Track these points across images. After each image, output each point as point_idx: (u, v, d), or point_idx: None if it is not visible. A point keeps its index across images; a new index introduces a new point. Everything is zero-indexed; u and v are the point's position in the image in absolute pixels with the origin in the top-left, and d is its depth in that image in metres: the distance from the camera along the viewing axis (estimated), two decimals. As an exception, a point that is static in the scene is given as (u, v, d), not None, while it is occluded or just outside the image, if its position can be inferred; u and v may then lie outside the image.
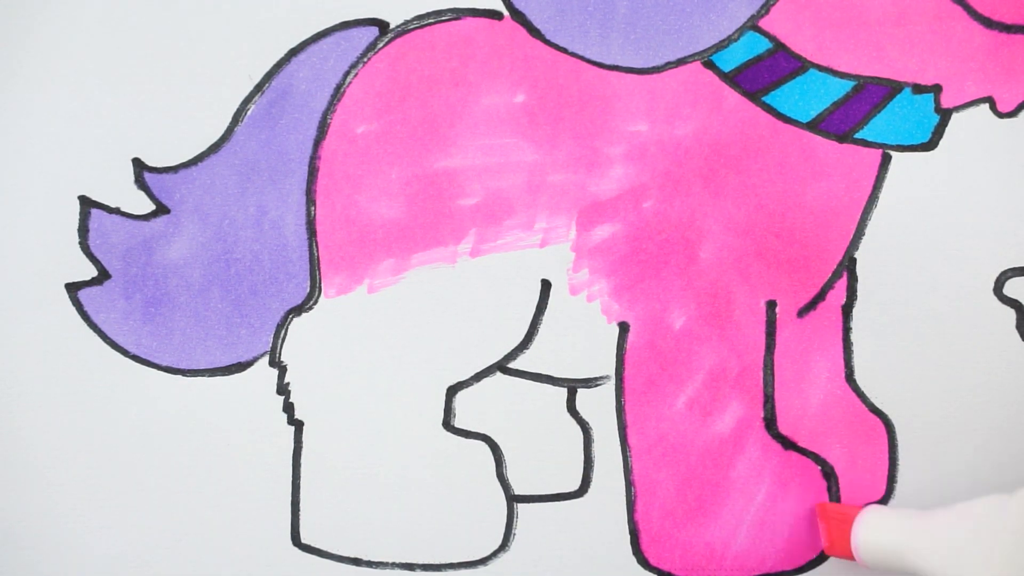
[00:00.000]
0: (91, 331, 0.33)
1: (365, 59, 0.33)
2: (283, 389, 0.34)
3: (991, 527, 0.25)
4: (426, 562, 0.35)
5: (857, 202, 0.34)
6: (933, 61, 0.33)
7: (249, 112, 0.33)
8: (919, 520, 0.30)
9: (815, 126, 0.33)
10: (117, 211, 0.33)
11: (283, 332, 0.34)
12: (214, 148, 0.33)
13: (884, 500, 0.34)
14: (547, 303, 0.34)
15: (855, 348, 0.34)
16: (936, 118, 0.33)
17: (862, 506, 0.33)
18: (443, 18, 0.33)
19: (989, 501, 0.26)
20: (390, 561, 0.35)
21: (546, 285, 0.34)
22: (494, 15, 0.33)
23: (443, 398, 0.35)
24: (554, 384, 0.35)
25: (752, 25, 0.33)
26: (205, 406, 0.34)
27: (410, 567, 0.35)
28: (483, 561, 0.35)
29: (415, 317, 0.34)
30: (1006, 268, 0.34)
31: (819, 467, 0.34)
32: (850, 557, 0.32)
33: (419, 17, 0.33)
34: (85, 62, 0.32)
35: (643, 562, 0.35)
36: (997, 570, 0.25)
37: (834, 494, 0.34)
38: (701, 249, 0.34)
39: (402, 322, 0.34)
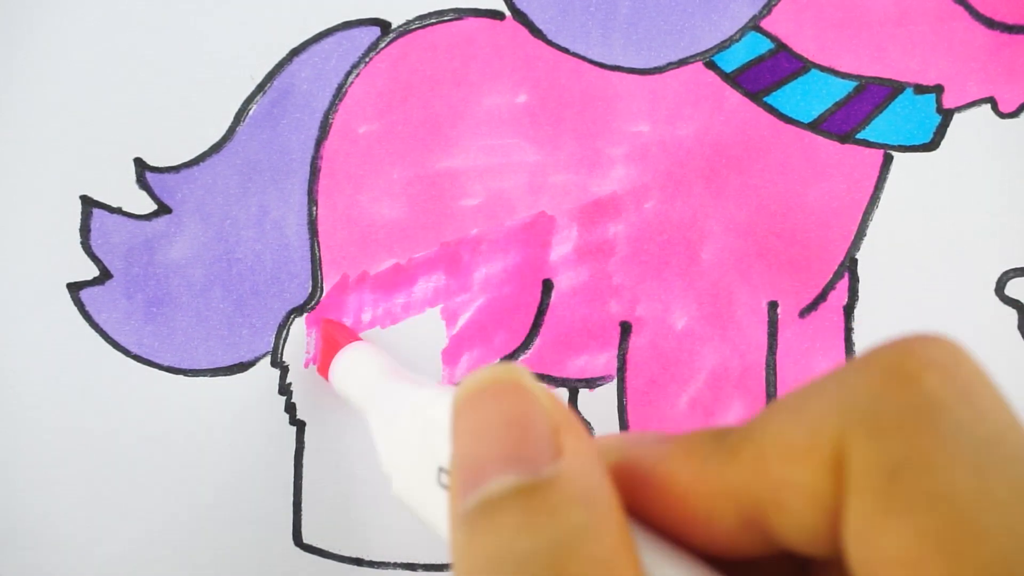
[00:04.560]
0: (93, 331, 0.33)
1: (367, 59, 0.33)
2: (285, 389, 0.34)
3: (417, 418, 0.23)
4: (428, 562, 0.35)
5: (858, 202, 0.34)
6: (935, 61, 0.33)
7: (251, 112, 0.33)
8: (383, 380, 0.28)
9: (817, 126, 0.33)
10: (119, 211, 0.33)
11: (285, 332, 0.34)
12: (216, 148, 0.33)
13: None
14: (548, 303, 0.34)
15: (857, 348, 0.34)
16: (938, 118, 0.33)
17: (358, 337, 0.32)
18: (445, 18, 0.33)
19: (430, 393, 0.24)
20: (392, 561, 0.35)
21: (547, 285, 0.34)
22: (496, 15, 0.33)
23: (445, 398, 0.35)
24: (555, 384, 0.35)
25: (754, 25, 0.33)
26: (207, 406, 0.34)
27: (412, 567, 0.35)
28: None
29: (416, 317, 0.34)
30: (1008, 268, 0.34)
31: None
32: (326, 377, 0.31)
33: (421, 17, 0.33)
34: (86, 61, 0.32)
35: (644, 562, 0.35)
36: (399, 461, 0.23)
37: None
38: (703, 250, 0.34)
39: (403, 322, 0.34)
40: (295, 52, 0.33)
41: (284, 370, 0.34)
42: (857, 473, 0.15)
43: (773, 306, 0.34)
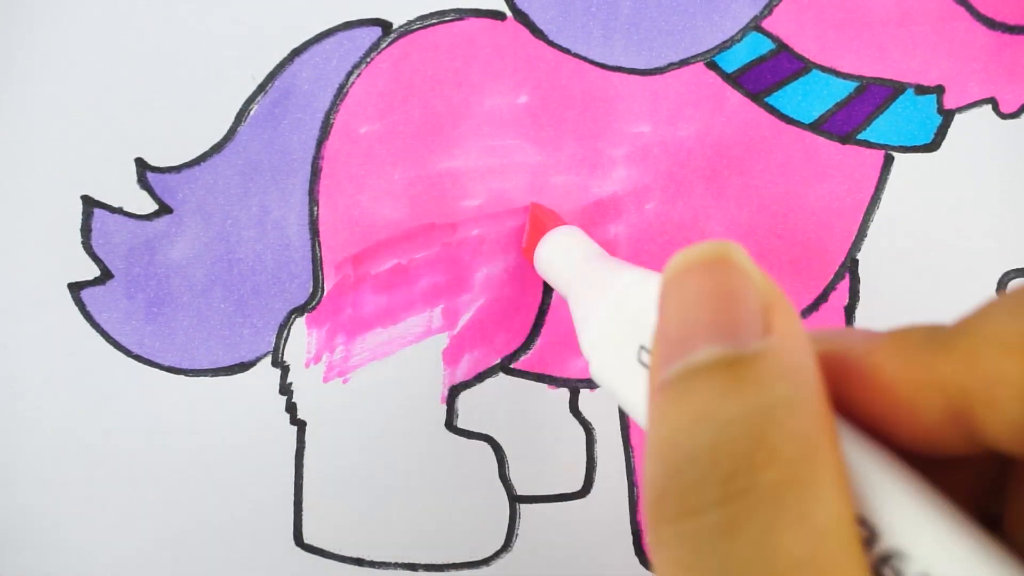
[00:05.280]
0: (94, 331, 0.33)
1: (368, 59, 0.33)
2: (286, 389, 0.34)
3: (620, 299, 0.23)
4: (428, 562, 0.35)
5: (859, 203, 0.34)
6: (936, 62, 0.33)
7: (252, 112, 0.33)
8: (587, 262, 0.28)
9: (818, 127, 0.33)
10: (120, 211, 0.33)
11: (286, 332, 0.34)
12: (217, 148, 0.33)
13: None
14: (549, 304, 0.34)
15: (857, 349, 0.34)
16: (939, 119, 0.33)
17: (566, 224, 0.32)
18: (446, 18, 0.33)
19: (635, 275, 0.24)
20: (392, 561, 0.35)
21: (548, 286, 0.34)
22: (497, 15, 0.33)
23: (446, 399, 0.35)
24: (556, 385, 0.35)
25: (755, 26, 0.33)
26: (208, 406, 0.34)
27: (412, 567, 0.35)
28: (486, 561, 0.35)
29: (417, 317, 0.34)
30: (1008, 269, 0.34)
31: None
32: (531, 259, 0.32)
33: (422, 17, 0.33)
34: (87, 61, 0.32)
35: (645, 562, 0.35)
36: (601, 341, 0.23)
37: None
38: (704, 250, 0.34)
39: (404, 322, 0.34)
40: (296, 52, 0.33)
41: (285, 370, 0.34)
42: None
43: (774, 306, 0.34)
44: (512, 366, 0.34)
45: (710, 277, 0.17)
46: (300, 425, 0.34)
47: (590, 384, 0.34)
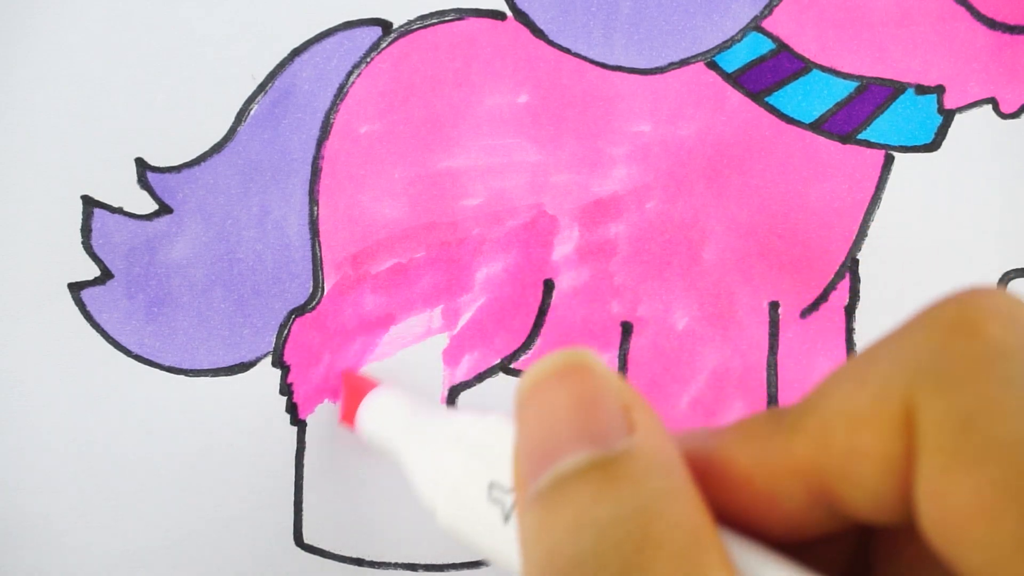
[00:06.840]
0: (94, 331, 0.33)
1: (368, 59, 0.33)
2: (286, 389, 0.34)
3: (460, 441, 0.23)
4: (428, 562, 0.35)
5: (860, 203, 0.34)
6: (936, 62, 0.33)
7: (252, 112, 0.33)
8: (415, 415, 0.29)
9: (818, 127, 0.33)
10: (120, 211, 0.33)
11: (286, 332, 0.34)
12: (217, 148, 0.33)
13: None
14: (549, 304, 0.34)
15: (858, 349, 0.34)
16: (939, 119, 0.33)
17: (381, 384, 0.32)
18: (446, 18, 0.33)
19: (469, 418, 0.24)
20: (393, 561, 0.35)
21: (548, 285, 0.34)
22: (497, 15, 0.33)
23: (446, 399, 0.35)
24: (556, 384, 0.35)
25: (755, 26, 0.33)
26: (208, 406, 0.34)
27: (412, 567, 0.35)
28: (486, 561, 0.35)
29: (417, 317, 0.34)
30: (1009, 269, 0.34)
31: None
32: (351, 426, 0.32)
33: (422, 17, 0.33)
34: (87, 61, 0.32)
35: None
36: (448, 478, 0.23)
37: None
38: (704, 250, 0.34)
39: (404, 323, 0.34)
40: (296, 52, 0.33)
41: (285, 370, 0.34)
42: (927, 429, 0.15)
43: (774, 306, 0.34)
44: (512, 366, 0.34)
45: (567, 385, 0.17)
46: (300, 425, 0.34)
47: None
